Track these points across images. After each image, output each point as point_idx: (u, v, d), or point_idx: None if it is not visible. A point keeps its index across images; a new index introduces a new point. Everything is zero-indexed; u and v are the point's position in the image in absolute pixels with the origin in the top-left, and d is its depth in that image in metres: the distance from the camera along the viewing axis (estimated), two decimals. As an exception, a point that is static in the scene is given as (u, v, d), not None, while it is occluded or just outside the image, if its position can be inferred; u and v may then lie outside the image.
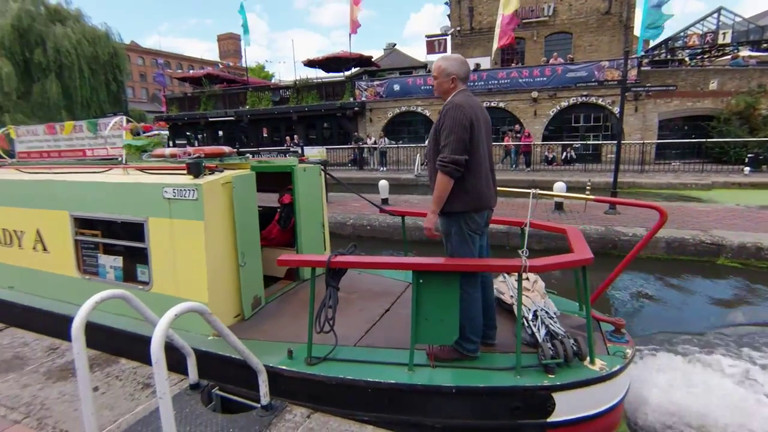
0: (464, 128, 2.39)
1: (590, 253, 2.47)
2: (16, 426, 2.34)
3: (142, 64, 58.13)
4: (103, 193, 3.65)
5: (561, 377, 2.45)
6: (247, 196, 3.42)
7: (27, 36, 23.75)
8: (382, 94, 20.56)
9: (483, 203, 2.56)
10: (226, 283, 3.25)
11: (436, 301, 2.52)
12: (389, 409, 2.53)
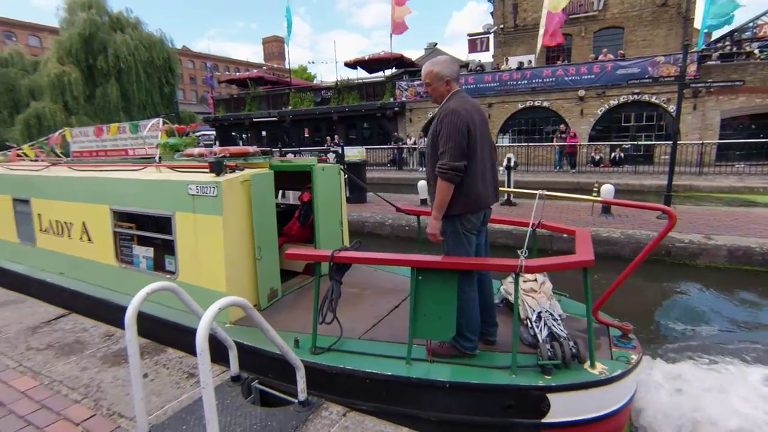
0: (462, 134, 2.44)
1: (592, 255, 2.46)
2: (76, 405, 2.50)
3: (192, 68, 61.05)
4: (136, 189, 3.94)
5: (557, 379, 2.44)
6: (264, 193, 3.60)
7: (91, 44, 25.54)
8: (422, 93, 20.43)
9: (480, 205, 2.61)
10: (243, 275, 3.43)
11: (434, 297, 2.57)
12: (387, 400, 2.60)
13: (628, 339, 2.82)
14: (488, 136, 2.71)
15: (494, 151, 2.79)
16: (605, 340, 2.84)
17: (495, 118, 18.98)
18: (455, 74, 2.61)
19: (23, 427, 2.32)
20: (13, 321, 3.76)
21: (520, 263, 2.34)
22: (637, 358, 2.66)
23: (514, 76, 18.25)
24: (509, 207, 8.92)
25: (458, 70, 2.64)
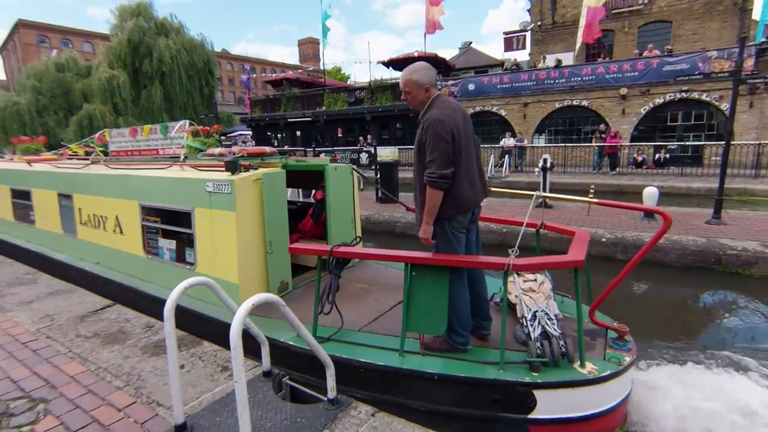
0: (447, 142, 2.50)
1: (582, 255, 2.49)
2: (118, 392, 2.62)
3: (230, 70, 63.10)
4: (161, 186, 4.24)
5: (545, 376, 2.48)
6: (276, 191, 3.78)
7: (138, 48, 26.82)
8: (456, 93, 20.19)
9: (468, 206, 2.70)
10: (254, 267, 3.65)
11: (427, 293, 2.68)
12: (380, 389, 2.71)
13: (624, 341, 2.85)
14: (472, 135, 2.76)
15: (479, 147, 2.89)
16: (601, 342, 2.88)
17: (531, 117, 18.50)
18: (433, 81, 2.68)
19: (72, 410, 2.45)
20: (64, 309, 3.99)
21: (507, 261, 2.43)
22: (630, 360, 2.68)
23: (552, 75, 17.72)
24: (545, 209, 8.66)
25: (435, 77, 2.73)
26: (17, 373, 2.87)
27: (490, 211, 8.61)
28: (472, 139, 2.75)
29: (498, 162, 16.00)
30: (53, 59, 29.96)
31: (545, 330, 2.69)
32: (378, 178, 9.81)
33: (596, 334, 2.96)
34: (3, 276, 5.11)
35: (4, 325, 3.67)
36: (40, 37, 50.38)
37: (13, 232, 6.85)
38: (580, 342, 2.56)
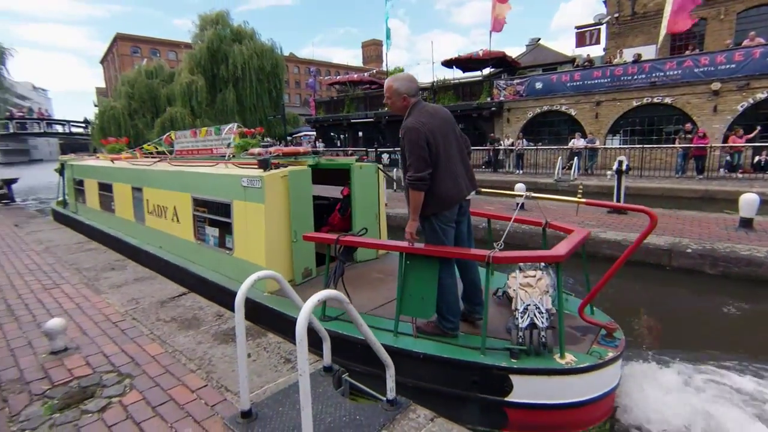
0: (421, 147, 2.73)
1: (563, 251, 2.65)
2: (191, 374, 2.79)
3: (297, 73, 65.80)
4: (208, 181, 4.86)
5: (522, 363, 2.66)
6: (301, 187, 4.20)
7: (216, 55, 28.83)
8: (522, 93, 19.44)
9: (451, 202, 2.90)
10: (280, 254, 4.08)
11: (418, 280, 2.93)
12: (374, 365, 2.77)
13: (612, 338, 2.98)
14: (453, 134, 2.96)
15: (462, 143, 3.05)
16: (591, 338, 3.01)
17: (603, 117, 17.31)
18: (413, 90, 2.92)
19: (153, 387, 2.65)
20: (147, 294, 4.35)
21: (488, 254, 2.64)
22: (613, 356, 2.79)
23: (630, 71, 16.43)
24: (619, 215, 8.04)
25: (416, 87, 2.95)
26: (108, 349, 3.17)
27: (551, 215, 8.16)
28: (454, 138, 2.97)
29: (566, 164, 15.15)
30: (143, 67, 33.07)
31: (533, 322, 2.84)
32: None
33: (590, 331, 3.09)
34: (99, 261, 5.69)
35: (99, 305, 4.08)
36: (134, 48, 55.94)
37: (99, 219, 8.01)
38: (560, 335, 2.73)
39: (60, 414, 2.41)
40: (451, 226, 2.97)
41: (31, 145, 79.58)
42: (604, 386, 2.80)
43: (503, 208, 9.00)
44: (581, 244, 2.95)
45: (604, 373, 2.75)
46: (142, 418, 2.36)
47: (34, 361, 3.02)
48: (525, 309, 2.91)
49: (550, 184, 13.81)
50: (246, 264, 4.23)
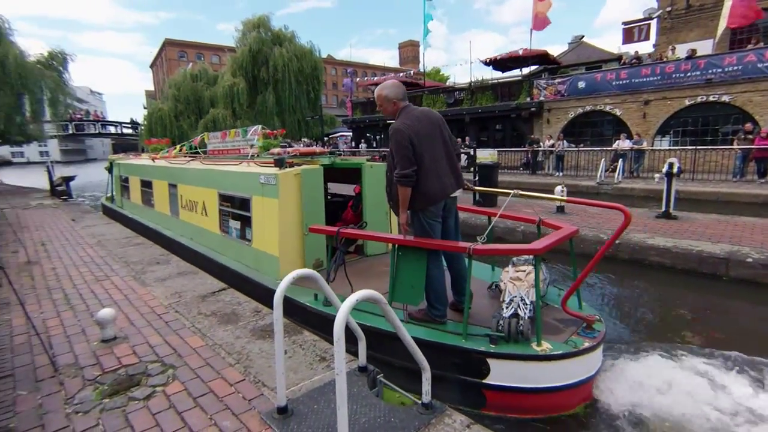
0: (406, 147, 3.01)
1: (541, 245, 2.83)
2: (230, 368, 2.86)
3: (334, 74, 66.68)
4: (231, 178, 5.29)
5: (500, 348, 2.88)
6: (313, 184, 4.52)
7: (257, 58, 29.68)
8: (564, 92, 18.80)
9: (435, 198, 3.14)
10: (292, 245, 4.43)
11: (408, 269, 3.19)
12: (370, 347, 3.03)
13: (591, 329, 3.14)
14: (439, 136, 3.19)
15: (449, 144, 3.26)
16: (573, 329, 3.16)
17: (652, 117, 16.45)
18: (401, 95, 3.21)
19: (194, 378, 2.74)
20: (189, 289, 4.51)
21: (469, 246, 2.87)
22: (588, 346, 2.95)
23: (682, 67, 15.52)
24: (668, 220, 7.59)
25: (403, 92, 3.24)
26: (153, 339, 3.30)
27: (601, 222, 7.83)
28: (440, 140, 3.20)
29: (609, 166, 14.50)
30: (189, 71, 34.52)
31: (516, 312, 3.03)
32: (476, 180, 9.51)
33: (573, 323, 3.24)
34: (145, 256, 5.97)
35: (145, 297, 4.27)
36: (180, 52, 58.56)
37: (141, 213, 8.73)
38: (537, 324, 2.94)
39: (109, 400, 2.53)
40: (437, 221, 3.23)
41: (87, 145, 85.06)
42: (579, 374, 2.97)
43: (541, 211, 8.72)
44: (563, 241, 3.10)
45: (579, 361, 2.92)
46: (184, 408, 2.43)
47: (87, 347, 3.19)
48: (511, 300, 3.14)
49: (592, 187, 13.26)
50: (262, 254, 4.68)
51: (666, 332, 4.48)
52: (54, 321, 3.72)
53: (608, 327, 4.43)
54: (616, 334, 4.42)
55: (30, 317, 3.28)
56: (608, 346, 3.82)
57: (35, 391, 2.63)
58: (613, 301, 5.53)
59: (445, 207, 3.27)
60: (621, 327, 4.74)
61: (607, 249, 3.04)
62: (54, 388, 2.67)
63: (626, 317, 5.03)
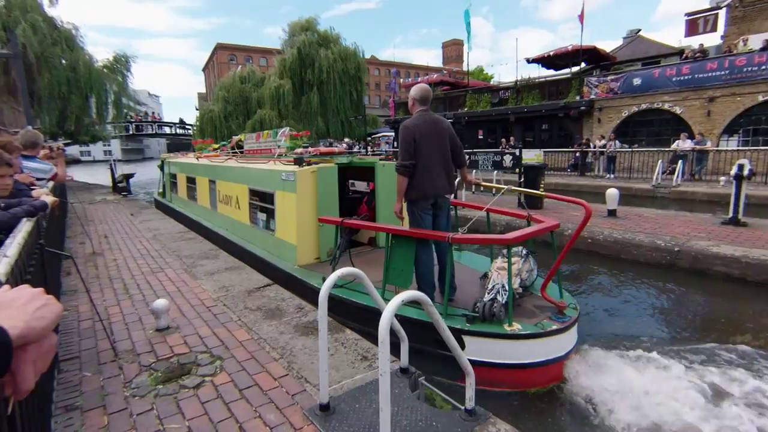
0: (408, 143, 3.50)
1: (512, 236, 3.23)
2: (274, 363, 2.92)
3: (377, 75, 67.04)
4: (259, 175, 5.91)
5: (474, 327, 3.26)
6: (328, 181, 5.05)
7: (304, 60, 30.39)
8: (617, 90, 17.88)
9: (426, 194, 3.61)
10: (308, 235, 5.00)
11: (400, 256, 3.69)
12: (363, 323, 3.52)
13: (562, 314, 3.45)
14: (438, 143, 3.61)
15: (447, 153, 3.69)
16: (547, 314, 3.47)
17: (718, 115, 15.29)
18: (423, 99, 3.66)
19: (240, 371, 2.82)
20: (236, 283, 4.67)
21: (448, 236, 3.33)
22: (555, 329, 3.27)
23: (756, 60, 14.29)
24: (736, 227, 6.99)
25: (427, 98, 3.68)
26: (203, 331, 3.44)
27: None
28: (441, 146, 3.62)
29: (667, 168, 13.62)
30: (238, 73, 35.90)
31: (495, 297, 3.38)
32: (522, 182, 9.22)
33: (549, 309, 3.54)
34: (196, 250, 6.25)
35: (196, 290, 4.46)
36: (230, 56, 61.07)
37: (186, 207, 9.60)
38: (509, 307, 3.28)
39: (162, 386, 2.65)
40: (427, 213, 3.69)
41: (145, 145, 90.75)
42: (547, 354, 3.26)
43: (596, 213, 8.31)
44: (535, 234, 3.42)
45: (547, 342, 3.23)
46: (231, 399, 2.50)
47: (143, 335, 3.37)
48: (493, 287, 3.50)
49: (647, 191, 12.50)
50: (283, 243, 5.27)
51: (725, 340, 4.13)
52: (114, 309, 3.97)
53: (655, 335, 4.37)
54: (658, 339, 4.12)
55: (94, 304, 3.51)
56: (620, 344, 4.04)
57: (98, 374, 2.81)
58: (669, 310, 5.17)
59: (435, 204, 3.72)
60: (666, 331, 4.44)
61: (574, 241, 3.43)
62: (114, 371, 2.84)
63: (677, 325, 4.68)
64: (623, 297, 5.48)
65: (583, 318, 4.00)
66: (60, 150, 4.71)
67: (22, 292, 0.71)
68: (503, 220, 7.97)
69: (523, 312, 3.52)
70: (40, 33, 17.31)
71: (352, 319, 3.75)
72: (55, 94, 18.34)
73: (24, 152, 4.00)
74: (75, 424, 2.30)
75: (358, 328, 3.50)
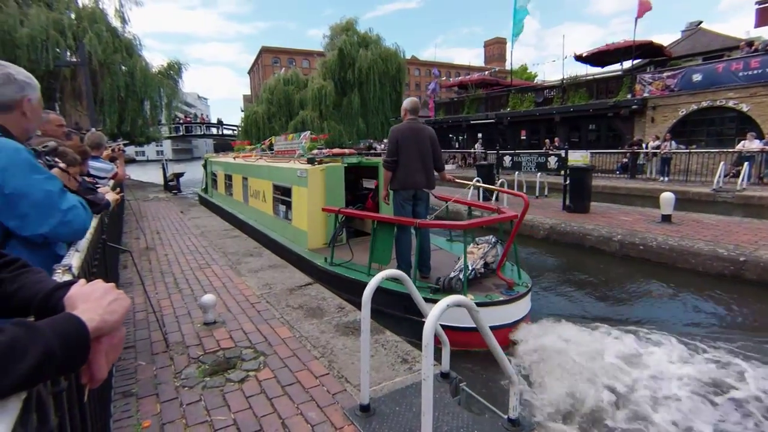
0: (392, 144, 4.33)
1: (467, 223, 4.11)
2: (315, 361, 2.96)
3: (417, 75, 66.79)
4: (280, 172, 6.86)
5: (435, 296, 3.88)
6: (335, 178, 5.90)
7: (344, 61, 30.83)
8: (674, 87, 16.82)
9: (406, 186, 4.34)
10: (317, 224, 5.86)
11: (381, 238, 4.50)
12: (353, 293, 4.11)
13: (510, 289, 4.11)
14: (418, 146, 4.33)
15: (427, 155, 4.39)
16: (500, 289, 4.14)
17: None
18: (412, 110, 4.45)
19: (282, 367, 2.88)
20: (278, 281, 4.78)
21: (416, 221, 4.14)
22: (501, 300, 3.96)
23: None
24: (811, 236, 6.37)
25: (415, 109, 4.47)
26: (247, 326, 3.54)
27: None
28: (420, 149, 4.34)
29: (730, 170, 12.66)
30: (281, 75, 36.89)
31: (457, 275, 4.07)
32: (567, 184, 8.87)
33: (503, 286, 4.20)
34: (240, 247, 6.47)
35: (240, 286, 4.61)
36: (274, 58, 62.86)
37: (224, 201, 10.74)
38: (464, 281, 3.94)
39: (210, 378, 2.75)
40: (408, 203, 4.42)
41: (193, 145, 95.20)
42: (493, 321, 3.61)
43: (642, 219, 7.86)
44: (489, 222, 4.34)
45: (493, 310, 3.74)
46: (274, 395, 2.56)
47: (191, 328, 3.52)
48: (459, 267, 4.15)
49: (706, 195, 11.67)
50: (297, 230, 6.16)
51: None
52: (165, 302, 4.17)
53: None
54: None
55: (149, 297, 3.71)
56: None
57: (151, 363, 2.96)
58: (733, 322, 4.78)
59: (415, 195, 4.44)
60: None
61: (517, 228, 4.28)
62: (166, 362, 2.98)
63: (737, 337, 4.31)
64: (680, 308, 5.14)
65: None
66: (120, 150, 5.01)
67: (97, 287, 0.74)
68: (548, 223, 7.69)
69: (481, 287, 4.23)
70: (104, 42, 18.59)
71: (344, 290, 4.59)
72: (114, 98, 19.62)
73: (90, 153, 4.29)
74: (131, 410, 2.43)
75: (348, 297, 4.26)
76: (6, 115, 1.42)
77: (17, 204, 1.32)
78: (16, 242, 1.37)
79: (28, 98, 1.46)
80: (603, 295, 5.63)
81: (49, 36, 16.94)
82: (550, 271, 6.72)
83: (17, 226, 1.35)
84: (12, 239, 1.37)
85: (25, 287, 0.81)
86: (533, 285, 4.52)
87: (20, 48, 16.39)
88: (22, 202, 1.33)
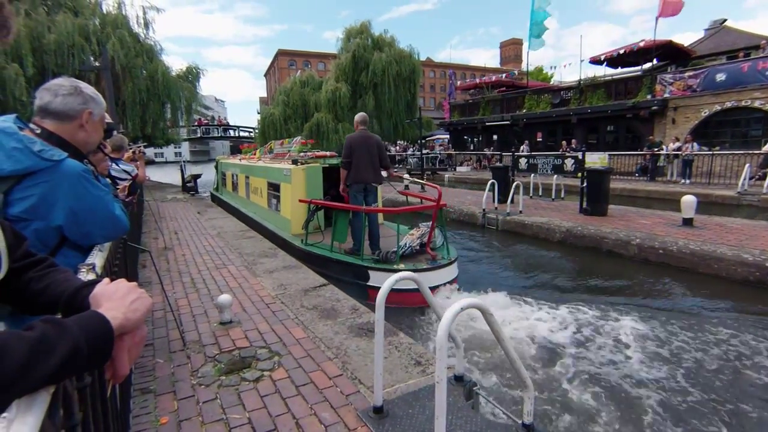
0: (347, 148, 5.52)
1: (399, 209, 5.88)
2: (329, 362, 2.98)
3: (432, 77, 66.64)
4: (272, 171, 8.18)
5: (375, 265, 5.20)
6: (314, 177, 7.11)
7: (358, 63, 30.94)
8: (696, 87, 16.42)
9: (358, 180, 5.48)
10: (299, 215, 6.83)
11: (339, 222, 5.75)
12: (321, 266, 5.59)
13: (434, 261, 5.32)
14: (368, 150, 5.50)
15: (375, 157, 5.55)
16: (427, 260, 5.38)
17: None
18: (362, 123, 5.67)
19: (296, 368, 2.90)
20: (293, 282, 4.82)
21: (362, 208, 5.37)
22: (423, 268, 5.13)
23: None
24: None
25: (364, 121, 5.70)
26: (262, 326, 3.59)
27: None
28: (369, 152, 5.50)
29: (756, 173, 12.29)
30: (297, 78, 37.20)
31: (393, 250, 5.24)
32: (584, 186, 8.74)
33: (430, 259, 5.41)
34: (256, 248, 6.55)
35: (256, 287, 4.67)
36: (290, 61, 63.54)
37: (230, 197, 12.17)
38: (397, 255, 5.20)
39: (225, 377, 2.80)
40: (360, 194, 5.51)
41: (210, 147, 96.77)
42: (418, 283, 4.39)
43: (662, 223, 7.69)
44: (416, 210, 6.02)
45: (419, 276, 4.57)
46: (288, 394, 2.58)
47: (208, 328, 3.58)
48: (401, 245, 5.38)
49: (730, 198, 11.35)
50: (284, 218, 7.44)
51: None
52: (183, 301, 4.25)
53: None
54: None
55: (167, 296, 3.79)
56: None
57: (169, 361, 3.02)
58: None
59: (366, 189, 5.53)
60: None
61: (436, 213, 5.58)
62: (183, 360, 3.04)
63: None
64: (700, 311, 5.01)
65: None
66: (141, 152, 5.13)
67: (120, 286, 0.77)
68: (564, 226, 7.57)
69: (414, 260, 5.40)
70: (126, 47, 19.07)
71: (314, 264, 5.67)
72: (136, 101, 20.11)
73: (111, 155, 4.41)
74: (149, 406, 2.48)
75: (317, 270, 5.34)
76: (65, 124, 1.46)
77: (85, 222, 1.44)
78: (68, 248, 1.45)
79: (90, 111, 1.51)
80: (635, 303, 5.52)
81: (75, 42, 17.47)
82: (564, 274, 6.62)
83: (80, 238, 1.46)
84: (65, 246, 1.44)
85: (52, 286, 0.84)
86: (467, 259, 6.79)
87: (48, 53, 16.94)
88: (89, 220, 1.44)
